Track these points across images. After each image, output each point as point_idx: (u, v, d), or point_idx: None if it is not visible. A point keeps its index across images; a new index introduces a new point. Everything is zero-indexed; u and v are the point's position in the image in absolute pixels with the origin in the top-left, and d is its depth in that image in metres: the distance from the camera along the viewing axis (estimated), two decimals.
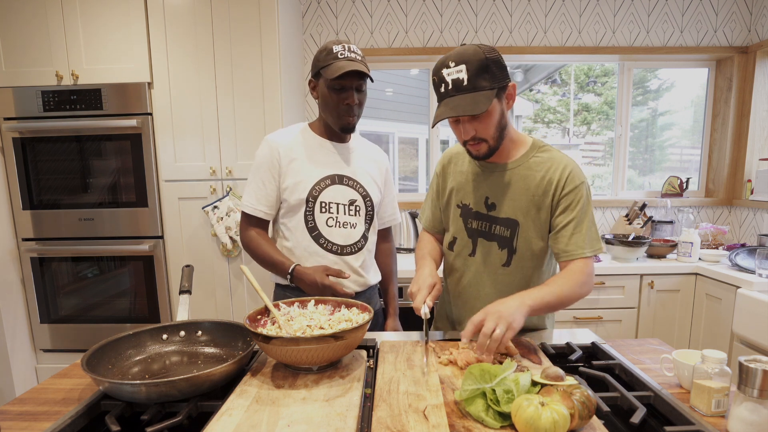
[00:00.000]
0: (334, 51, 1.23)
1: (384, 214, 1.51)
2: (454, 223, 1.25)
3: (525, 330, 1.26)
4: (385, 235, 1.56)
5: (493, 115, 1.05)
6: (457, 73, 1.00)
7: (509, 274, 1.19)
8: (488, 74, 1.00)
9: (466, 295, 1.26)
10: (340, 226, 1.33)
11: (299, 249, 1.33)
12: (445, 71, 1.02)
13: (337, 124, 1.30)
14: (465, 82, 1.00)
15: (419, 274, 1.17)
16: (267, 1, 2.02)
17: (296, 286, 1.34)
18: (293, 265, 1.26)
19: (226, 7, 2.04)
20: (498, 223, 1.18)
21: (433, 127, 1.07)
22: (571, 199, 1.11)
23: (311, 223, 1.32)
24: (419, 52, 2.65)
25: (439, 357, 1.02)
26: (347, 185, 1.34)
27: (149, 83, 2.11)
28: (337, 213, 1.33)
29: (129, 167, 2.14)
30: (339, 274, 1.24)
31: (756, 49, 2.58)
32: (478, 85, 1.00)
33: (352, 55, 1.24)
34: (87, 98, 2.11)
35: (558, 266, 1.18)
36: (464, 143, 1.11)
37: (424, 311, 1.06)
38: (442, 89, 1.04)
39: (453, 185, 1.25)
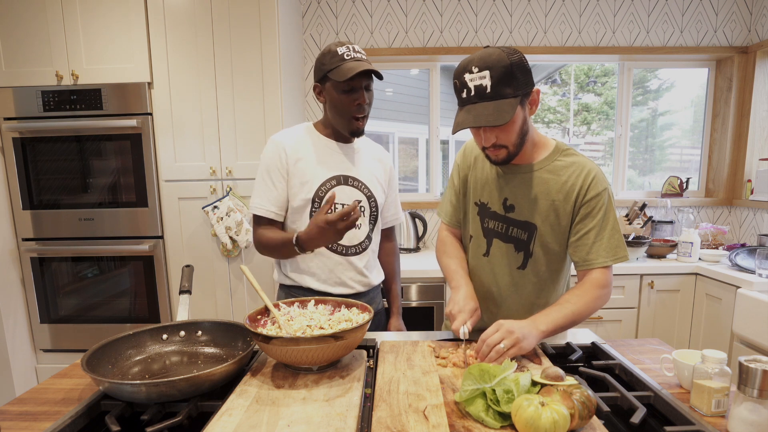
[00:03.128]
0: (339, 53, 1.22)
1: (387, 214, 1.51)
2: (472, 220, 1.24)
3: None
4: (388, 234, 1.56)
5: (515, 123, 1.01)
6: (480, 79, 0.96)
7: (524, 277, 1.18)
8: (513, 81, 0.96)
9: (478, 294, 1.23)
10: None
11: None
12: (467, 76, 0.98)
13: (347, 128, 1.29)
14: (488, 89, 0.96)
15: (457, 294, 1.13)
16: (267, 1, 2.02)
17: (300, 286, 1.34)
18: (294, 236, 1.22)
19: (226, 7, 2.04)
20: (515, 225, 1.15)
21: (453, 134, 1.04)
22: (593, 206, 1.08)
23: None
24: (419, 52, 2.65)
25: (437, 356, 1.02)
26: (352, 186, 1.34)
27: (149, 83, 2.11)
28: None
29: (129, 167, 2.14)
30: (329, 203, 1.17)
31: (756, 49, 2.58)
32: (501, 93, 0.96)
33: (358, 55, 1.23)
34: (87, 98, 2.11)
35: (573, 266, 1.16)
36: (483, 148, 1.08)
37: (464, 331, 1.04)
38: (464, 95, 0.99)
39: (473, 182, 1.22)
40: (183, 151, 2.14)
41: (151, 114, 2.12)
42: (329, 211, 1.24)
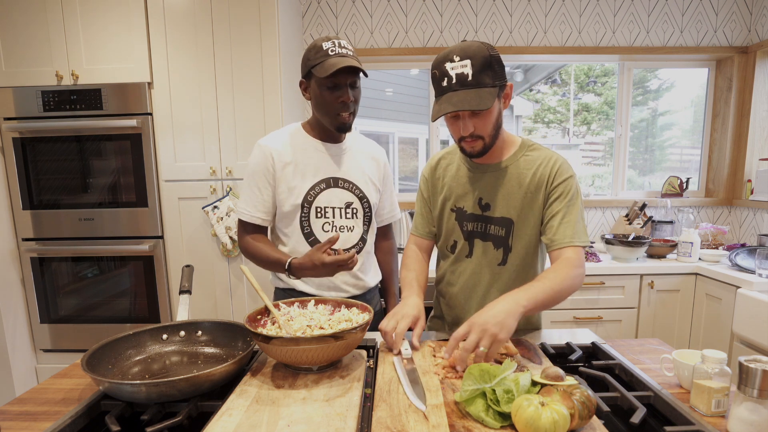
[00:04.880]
0: (324, 48, 1.18)
1: (383, 212, 1.48)
2: (451, 227, 1.25)
3: (523, 330, 1.26)
4: (385, 232, 1.53)
5: (493, 113, 1.06)
6: (461, 67, 1.00)
7: (506, 273, 1.20)
8: (491, 71, 1.01)
9: (463, 296, 1.25)
10: (336, 231, 1.31)
11: (296, 254, 1.31)
12: (448, 65, 1.01)
13: (332, 124, 1.26)
14: (470, 77, 1.00)
15: (404, 303, 1.13)
16: (267, 1, 2.02)
17: (293, 289, 1.34)
18: (288, 261, 1.22)
19: (226, 7, 2.04)
20: (493, 222, 1.18)
21: (434, 121, 1.07)
22: (561, 190, 1.12)
23: (307, 229, 1.30)
24: (419, 52, 2.65)
25: (435, 356, 1.02)
26: (343, 188, 1.32)
27: (149, 83, 2.11)
28: (333, 217, 1.31)
29: (129, 167, 2.14)
30: (330, 243, 1.16)
31: (756, 49, 2.58)
32: (482, 81, 1.00)
33: (343, 50, 1.19)
34: (87, 98, 2.11)
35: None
36: (460, 140, 1.10)
37: (405, 347, 1.01)
38: (444, 83, 1.02)
39: (445, 190, 1.24)
40: (183, 151, 2.14)
41: (151, 114, 2.12)
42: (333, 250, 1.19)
